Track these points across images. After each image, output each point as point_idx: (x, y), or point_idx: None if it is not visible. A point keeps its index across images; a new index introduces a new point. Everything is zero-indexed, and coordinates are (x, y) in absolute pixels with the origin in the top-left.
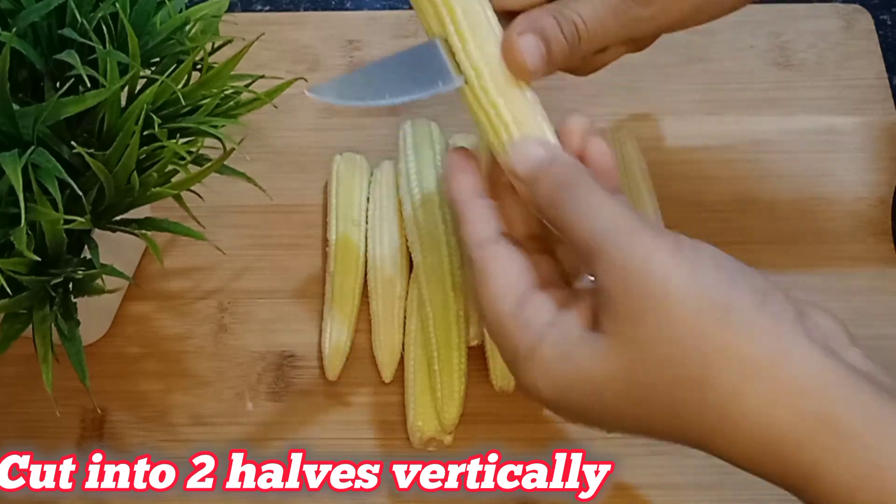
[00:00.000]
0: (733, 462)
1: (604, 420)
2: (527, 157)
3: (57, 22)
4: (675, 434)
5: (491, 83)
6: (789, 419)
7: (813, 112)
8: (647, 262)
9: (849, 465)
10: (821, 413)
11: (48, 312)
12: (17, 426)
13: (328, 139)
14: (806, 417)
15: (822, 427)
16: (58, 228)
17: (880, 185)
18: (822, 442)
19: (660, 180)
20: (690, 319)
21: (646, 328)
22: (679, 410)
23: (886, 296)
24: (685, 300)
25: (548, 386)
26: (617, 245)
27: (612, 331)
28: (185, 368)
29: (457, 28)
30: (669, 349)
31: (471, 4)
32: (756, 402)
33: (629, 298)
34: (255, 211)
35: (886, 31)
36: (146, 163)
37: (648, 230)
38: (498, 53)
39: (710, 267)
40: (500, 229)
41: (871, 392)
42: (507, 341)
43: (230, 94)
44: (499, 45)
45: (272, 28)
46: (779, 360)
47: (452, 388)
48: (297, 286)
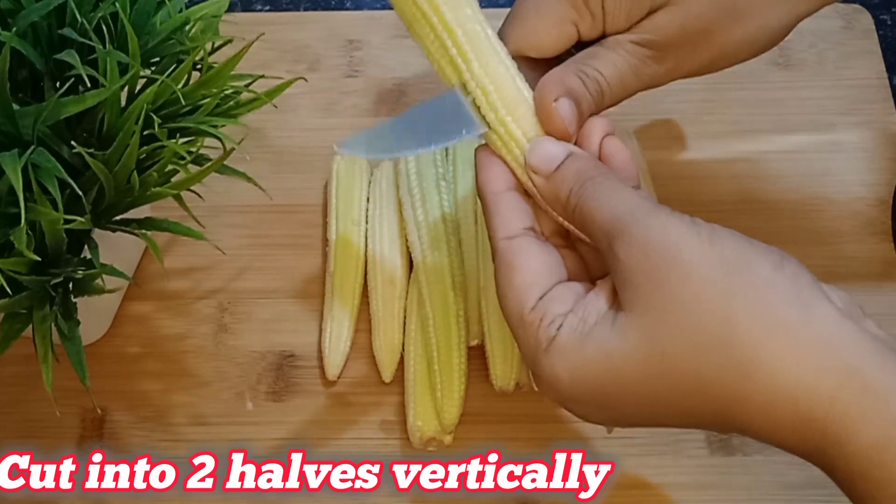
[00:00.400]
0: (753, 431)
1: (622, 406)
2: (545, 154)
3: (57, 22)
4: (696, 411)
5: (516, 129)
6: (814, 374)
7: (813, 112)
8: (665, 233)
9: (876, 423)
10: (847, 368)
11: (48, 312)
12: (17, 426)
13: (328, 139)
14: (831, 372)
15: (847, 382)
16: (58, 228)
17: (880, 185)
18: (848, 398)
19: (660, 180)
20: (710, 281)
21: (665, 294)
22: (701, 376)
23: (886, 296)
24: (704, 264)
25: (566, 371)
26: (636, 222)
27: (631, 302)
28: (185, 368)
29: (475, 78)
30: (690, 312)
31: (486, 54)
32: (780, 357)
33: (649, 267)
34: (256, 211)
35: (886, 30)
36: (146, 163)
37: (666, 211)
38: (517, 96)
39: (726, 236)
40: (529, 223)
41: (892, 354)
42: (528, 335)
43: (230, 94)
44: (517, 88)
45: (272, 28)
46: (802, 316)
47: (452, 388)
48: (297, 286)
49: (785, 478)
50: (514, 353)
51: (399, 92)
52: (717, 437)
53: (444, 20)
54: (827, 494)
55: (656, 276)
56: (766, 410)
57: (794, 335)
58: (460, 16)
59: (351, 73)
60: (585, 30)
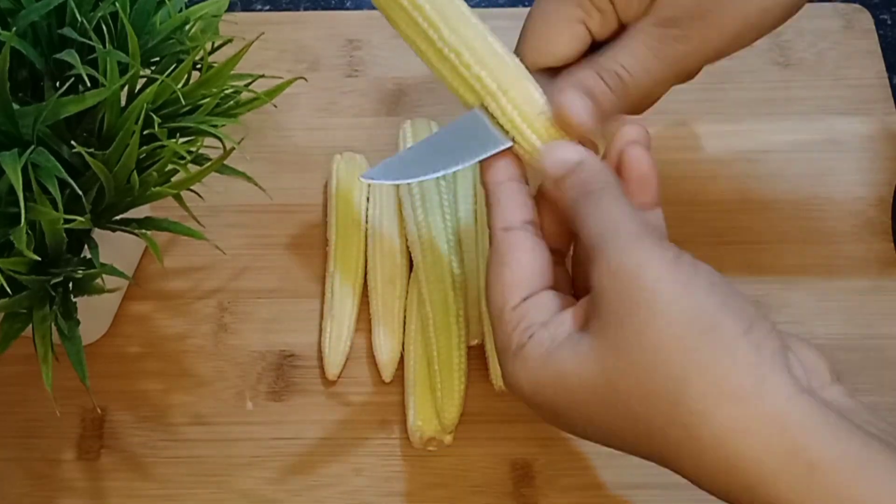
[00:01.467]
0: (699, 483)
1: (574, 423)
2: (558, 160)
3: (57, 21)
4: (642, 447)
5: (536, 140)
6: (759, 449)
7: (813, 111)
8: (641, 266)
9: (822, 500)
10: (793, 446)
11: (48, 312)
12: (17, 426)
13: (328, 139)
14: (777, 449)
15: (793, 460)
16: (58, 228)
17: (880, 185)
18: (791, 476)
19: (660, 180)
20: (673, 331)
21: (628, 331)
22: (650, 422)
23: (886, 296)
24: (671, 311)
25: (526, 381)
26: (616, 247)
27: (595, 330)
28: (185, 368)
29: (494, 99)
30: (647, 357)
31: (502, 71)
32: (728, 427)
33: (617, 299)
34: (255, 210)
35: (886, 30)
36: (146, 162)
37: (652, 239)
38: (538, 110)
39: (703, 285)
40: (529, 217)
41: (845, 429)
42: (503, 333)
43: (230, 94)
44: (537, 101)
45: (272, 27)
46: (755, 388)
47: (452, 387)
48: (297, 286)
49: None
50: None
51: (399, 92)
52: None
53: (447, 41)
54: None
55: (621, 312)
56: (710, 472)
57: (744, 407)
58: (463, 35)
59: (351, 73)
60: (596, 27)
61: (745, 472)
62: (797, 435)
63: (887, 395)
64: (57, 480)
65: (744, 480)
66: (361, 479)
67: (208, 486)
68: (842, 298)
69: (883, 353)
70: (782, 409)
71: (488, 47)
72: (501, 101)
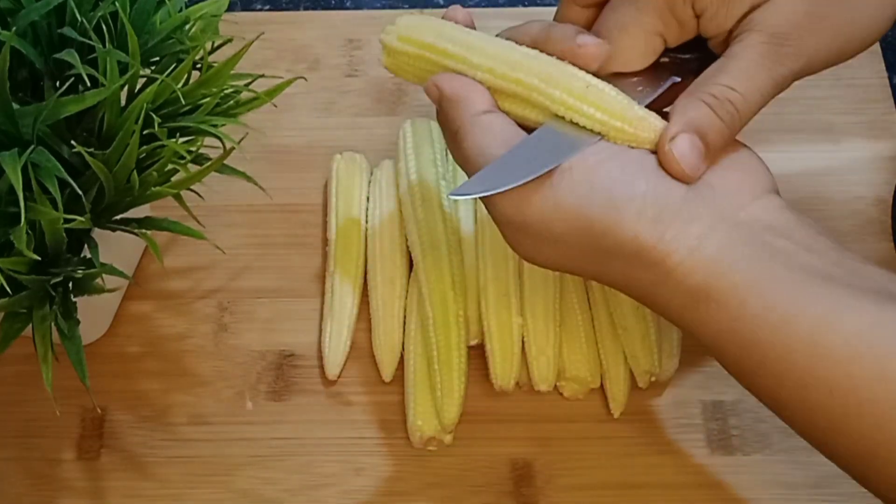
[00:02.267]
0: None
1: (543, 244)
2: (676, 145)
3: (57, 21)
4: (593, 264)
5: (637, 129)
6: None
7: (812, 111)
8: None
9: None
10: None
11: (48, 312)
12: (17, 425)
13: (328, 139)
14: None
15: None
16: (58, 228)
17: (880, 185)
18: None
19: None
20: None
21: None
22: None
23: None
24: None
25: (541, 207)
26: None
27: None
28: (185, 368)
29: (574, 110)
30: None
31: (570, 82)
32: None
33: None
34: (255, 210)
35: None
36: (146, 162)
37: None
38: (620, 103)
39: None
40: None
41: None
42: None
43: (230, 94)
44: (615, 97)
45: (272, 27)
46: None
47: (452, 387)
48: (296, 286)
49: (785, 478)
50: (514, 353)
51: (399, 91)
52: (717, 436)
53: (506, 75)
54: (827, 494)
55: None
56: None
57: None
58: (515, 61)
59: (351, 73)
60: (673, 38)
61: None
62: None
63: None
64: (57, 480)
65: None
66: (361, 479)
67: (208, 485)
68: None
69: None
70: (686, 271)
71: (546, 62)
72: (585, 108)
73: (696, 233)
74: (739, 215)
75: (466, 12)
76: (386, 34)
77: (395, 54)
